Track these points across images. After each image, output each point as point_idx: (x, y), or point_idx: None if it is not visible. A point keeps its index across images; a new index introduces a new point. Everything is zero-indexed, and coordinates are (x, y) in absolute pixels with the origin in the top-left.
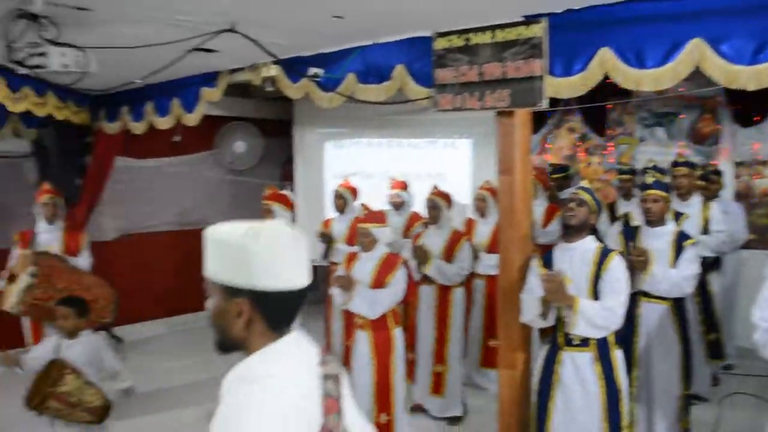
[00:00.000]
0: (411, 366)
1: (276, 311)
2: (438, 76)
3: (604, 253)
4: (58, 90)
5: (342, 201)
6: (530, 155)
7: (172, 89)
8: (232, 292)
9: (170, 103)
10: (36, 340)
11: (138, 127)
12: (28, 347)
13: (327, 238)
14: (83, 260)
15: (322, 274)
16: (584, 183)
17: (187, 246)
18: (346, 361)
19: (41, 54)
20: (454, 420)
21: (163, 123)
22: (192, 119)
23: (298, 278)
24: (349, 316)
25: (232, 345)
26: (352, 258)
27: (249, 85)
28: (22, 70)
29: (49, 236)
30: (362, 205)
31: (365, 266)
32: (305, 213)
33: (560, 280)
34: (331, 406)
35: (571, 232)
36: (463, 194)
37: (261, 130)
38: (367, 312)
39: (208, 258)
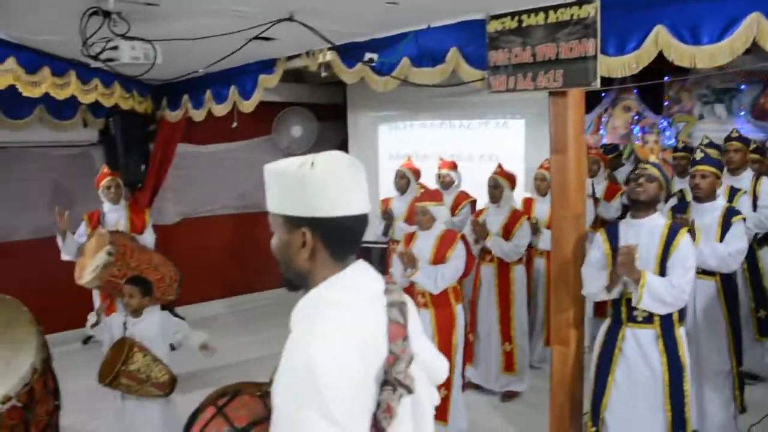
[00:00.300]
0: (469, 346)
1: (338, 239)
2: (491, 58)
3: (673, 230)
4: (124, 81)
5: (405, 181)
6: (583, 134)
7: (230, 77)
8: (294, 223)
9: (228, 90)
10: (106, 313)
11: (198, 115)
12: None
13: (387, 216)
14: (149, 237)
15: (380, 254)
16: (653, 158)
17: (245, 229)
18: None
19: (113, 48)
20: (507, 396)
21: (221, 110)
22: (249, 105)
23: (358, 204)
24: (411, 295)
25: (298, 279)
26: (410, 237)
27: (303, 71)
28: (96, 64)
29: (115, 215)
30: (418, 184)
31: (424, 244)
32: None
33: (630, 253)
34: (397, 332)
35: (639, 208)
36: (517, 174)
37: (316, 115)
38: (430, 286)
39: (268, 193)
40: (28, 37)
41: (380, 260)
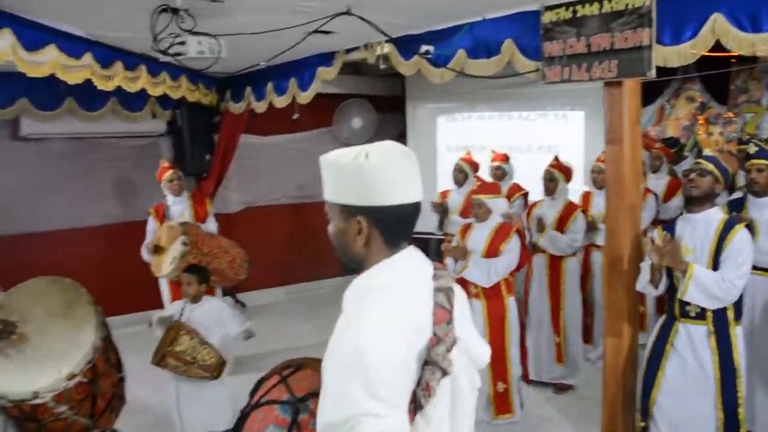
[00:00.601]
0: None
1: (392, 226)
2: (546, 49)
3: (729, 225)
4: (191, 74)
5: (462, 174)
6: (639, 125)
7: (290, 70)
8: (350, 211)
9: (288, 82)
10: (175, 298)
11: (260, 107)
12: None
13: (442, 210)
14: (212, 225)
15: (436, 246)
16: (707, 152)
17: (304, 218)
18: None
19: (181, 43)
20: (561, 389)
21: (281, 101)
22: (305, 97)
23: (411, 193)
24: (463, 286)
25: (354, 263)
26: (466, 229)
27: (362, 63)
28: (164, 58)
29: (179, 207)
30: (476, 177)
31: (479, 236)
32: None
33: (674, 243)
34: (442, 316)
35: (693, 203)
36: (576, 167)
37: (375, 106)
38: (481, 280)
39: (325, 183)
40: (103, 33)
41: (437, 252)
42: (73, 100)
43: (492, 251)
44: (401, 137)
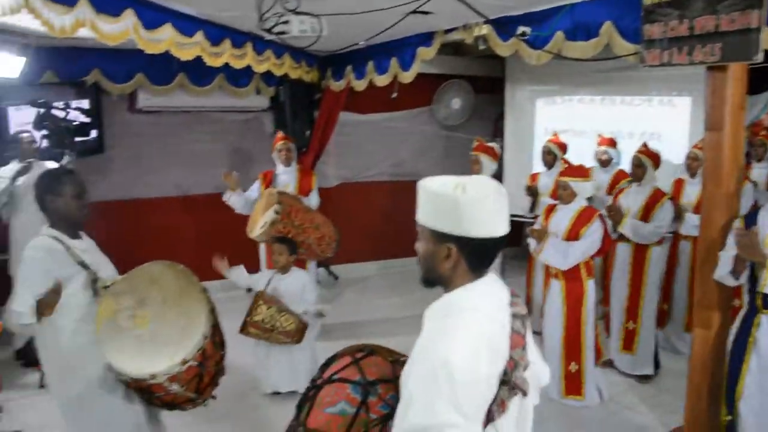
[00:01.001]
0: (607, 321)
1: (478, 255)
2: (646, 32)
3: None
4: (294, 52)
5: (551, 156)
6: (743, 112)
7: (390, 49)
8: (441, 237)
9: (389, 62)
10: (269, 265)
11: (360, 85)
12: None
13: (533, 192)
14: (314, 199)
15: (526, 228)
16: None
17: (399, 196)
18: (543, 311)
19: (285, 22)
20: (643, 378)
21: (383, 80)
22: (408, 77)
23: (500, 227)
24: (547, 266)
25: (437, 281)
26: (550, 210)
27: (462, 44)
28: (269, 37)
29: (286, 177)
30: (562, 159)
31: (562, 218)
32: (514, 168)
33: (754, 235)
34: (517, 341)
35: None
36: (680, 155)
37: (473, 87)
38: (558, 262)
39: (420, 206)
40: (213, 13)
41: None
42: (185, 76)
43: (573, 234)
44: (499, 119)
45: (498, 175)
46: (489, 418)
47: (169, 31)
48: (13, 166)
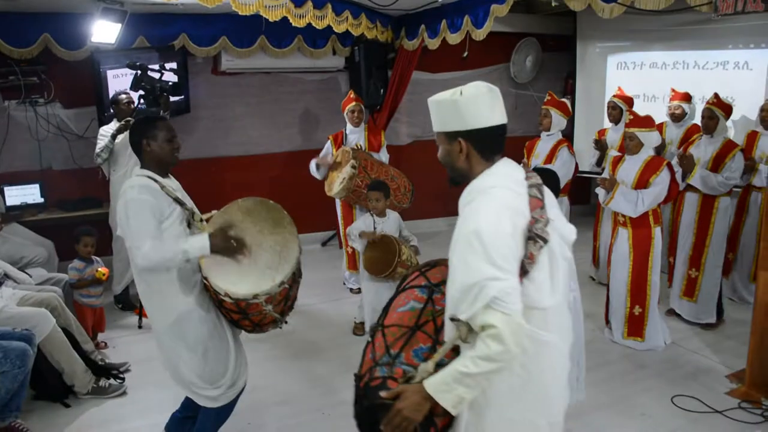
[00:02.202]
0: (671, 270)
1: (484, 143)
2: None
3: None
4: (369, 13)
5: (617, 111)
6: None
7: (464, 7)
8: (452, 136)
9: (462, 20)
10: (346, 220)
11: (432, 44)
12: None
13: (601, 146)
14: (383, 156)
15: (594, 184)
16: None
17: None
18: (610, 258)
19: None
20: (707, 326)
21: (455, 38)
22: (480, 34)
23: (497, 117)
24: (614, 215)
25: (460, 177)
26: (617, 161)
27: (533, 1)
28: None
29: (355, 136)
30: (629, 111)
31: (630, 168)
32: (584, 126)
33: None
34: (535, 203)
35: None
36: (755, 114)
37: (544, 45)
38: (628, 210)
39: (433, 118)
40: None
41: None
42: (265, 39)
43: (641, 183)
44: (569, 77)
45: (569, 133)
46: (523, 272)
47: None
48: (113, 125)
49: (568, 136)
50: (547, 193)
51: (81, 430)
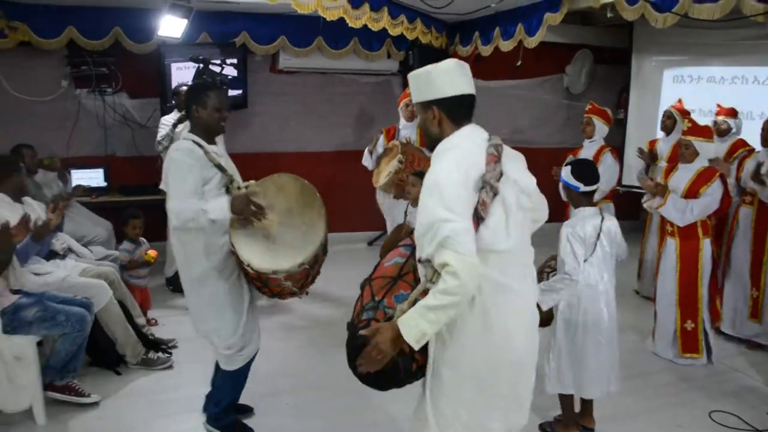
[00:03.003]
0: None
1: (454, 110)
2: None
3: None
4: (424, 17)
5: (671, 121)
6: None
7: (517, 15)
8: (427, 105)
9: (515, 27)
10: (392, 216)
11: (486, 50)
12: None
13: (650, 156)
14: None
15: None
16: None
17: None
18: (657, 270)
19: None
20: (755, 346)
21: (507, 46)
22: (532, 42)
23: (465, 87)
24: (662, 223)
25: (434, 142)
26: (670, 169)
27: (588, 12)
28: (406, 1)
29: (407, 131)
30: (686, 119)
31: (682, 176)
32: (635, 140)
33: None
34: (491, 159)
35: None
36: None
37: (599, 57)
38: (675, 218)
39: (412, 90)
40: None
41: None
42: (322, 39)
43: (692, 193)
44: (623, 91)
45: (620, 147)
46: (479, 218)
47: None
48: (174, 115)
49: (618, 149)
50: (509, 152)
51: (130, 396)
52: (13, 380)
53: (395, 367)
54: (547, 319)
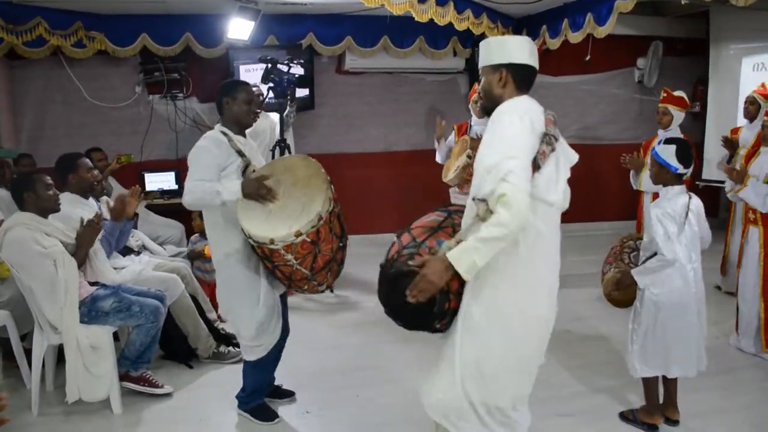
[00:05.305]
0: None
1: (522, 77)
2: None
3: None
4: (490, 12)
5: (755, 107)
6: None
7: (586, 5)
8: (496, 67)
9: (584, 18)
10: None
11: (554, 43)
12: None
13: (733, 144)
14: None
15: (723, 195)
16: None
17: (586, 160)
18: (740, 263)
19: None
20: None
21: (576, 37)
22: (602, 31)
23: (533, 60)
24: (746, 214)
25: (492, 104)
26: (752, 154)
27: (661, 2)
28: None
29: (478, 128)
30: (766, 110)
31: (763, 161)
32: (714, 133)
33: None
34: (549, 122)
35: None
36: None
37: (672, 49)
38: (756, 203)
39: (481, 56)
40: None
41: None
42: (388, 39)
43: None
44: (699, 82)
45: (699, 141)
46: (536, 166)
47: None
48: None
49: (698, 144)
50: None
51: (202, 388)
52: (90, 369)
53: (431, 301)
54: (630, 299)
